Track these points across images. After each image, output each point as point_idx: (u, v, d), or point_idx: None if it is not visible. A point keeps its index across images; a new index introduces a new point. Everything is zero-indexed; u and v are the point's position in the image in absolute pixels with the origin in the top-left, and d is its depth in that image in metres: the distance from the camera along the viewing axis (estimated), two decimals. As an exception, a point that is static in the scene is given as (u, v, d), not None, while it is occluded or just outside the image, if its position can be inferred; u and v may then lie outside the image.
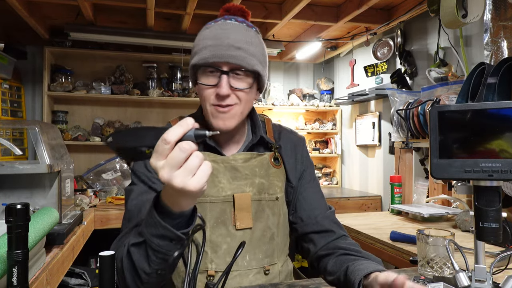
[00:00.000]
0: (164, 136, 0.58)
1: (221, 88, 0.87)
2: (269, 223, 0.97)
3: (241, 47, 0.88)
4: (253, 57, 0.90)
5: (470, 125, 0.84)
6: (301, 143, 1.10)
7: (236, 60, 0.87)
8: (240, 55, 0.88)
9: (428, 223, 1.90)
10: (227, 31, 0.89)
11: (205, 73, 0.91)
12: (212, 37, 0.89)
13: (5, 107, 2.79)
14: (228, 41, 0.87)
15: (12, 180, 1.41)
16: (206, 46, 0.88)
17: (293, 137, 1.10)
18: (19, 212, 0.66)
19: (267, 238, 0.97)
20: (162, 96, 3.18)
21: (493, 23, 1.81)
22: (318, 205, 1.03)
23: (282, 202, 1.01)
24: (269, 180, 0.99)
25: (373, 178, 3.26)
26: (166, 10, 2.53)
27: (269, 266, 0.96)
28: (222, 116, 0.91)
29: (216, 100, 0.90)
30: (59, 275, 1.38)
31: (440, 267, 0.98)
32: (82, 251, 1.96)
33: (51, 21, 2.90)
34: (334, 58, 3.85)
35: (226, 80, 0.88)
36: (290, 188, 1.05)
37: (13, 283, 0.66)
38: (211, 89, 0.90)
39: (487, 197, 0.83)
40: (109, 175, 2.88)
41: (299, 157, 1.07)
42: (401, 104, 2.44)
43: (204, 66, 0.89)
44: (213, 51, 0.87)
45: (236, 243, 0.92)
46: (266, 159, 1.01)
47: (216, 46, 0.87)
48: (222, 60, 0.87)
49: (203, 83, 0.90)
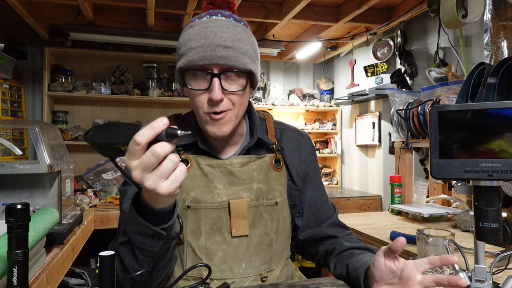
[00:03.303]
0: (135, 137, 0.57)
1: (213, 92, 0.81)
2: (267, 229, 0.93)
3: (231, 45, 0.82)
4: (244, 55, 0.84)
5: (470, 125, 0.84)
6: (305, 141, 1.05)
7: (227, 61, 0.81)
8: (231, 55, 0.81)
9: (428, 223, 1.90)
10: (214, 29, 0.82)
11: (194, 77, 0.85)
12: (198, 37, 0.82)
13: (5, 107, 2.79)
14: (216, 40, 0.81)
15: (12, 180, 1.40)
16: (193, 47, 0.82)
17: (296, 136, 1.04)
18: (19, 212, 0.66)
19: (264, 244, 0.93)
20: (162, 96, 3.18)
21: (493, 23, 1.81)
22: (324, 209, 1.02)
23: (282, 207, 0.97)
24: (268, 185, 0.95)
25: (373, 178, 3.26)
26: (166, 10, 2.53)
27: (267, 273, 0.93)
28: (217, 123, 0.86)
29: (209, 107, 0.84)
30: (59, 275, 1.38)
31: (440, 267, 0.98)
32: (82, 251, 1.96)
33: (51, 21, 2.91)
34: (334, 58, 3.85)
35: (218, 84, 0.82)
36: (296, 191, 1.01)
37: (13, 283, 0.66)
38: (202, 94, 0.84)
39: (487, 197, 0.83)
40: (109, 175, 2.88)
41: (303, 158, 1.03)
42: (401, 104, 2.44)
43: (193, 69, 0.83)
44: (201, 53, 0.81)
45: (232, 250, 0.89)
46: (266, 162, 0.96)
47: (203, 46, 0.81)
48: (212, 62, 0.81)
49: (193, 88, 0.85)
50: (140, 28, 2.94)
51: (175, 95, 3.23)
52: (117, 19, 2.91)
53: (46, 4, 2.57)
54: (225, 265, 0.89)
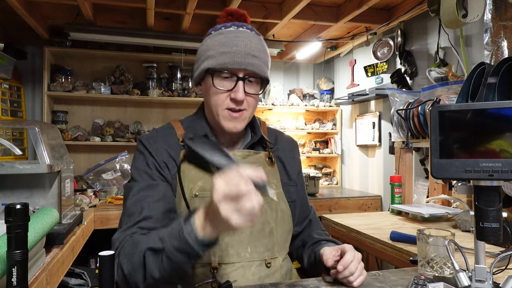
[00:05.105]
0: (244, 171, 0.66)
1: (237, 93, 0.94)
2: (267, 217, 1.00)
3: (257, 55, 0.95)
4: (265, 65, 0.98)
5: (470, 125, 0.84)
6: (296, 145, 1.21)
7: (253, 68, 0.94)
8: (257, 63, 0.94)
9: (428, 223, 1.90)
10: (244, 39, 0.94)
11: (220, 78, 0.95)
12: (228, 44, 0.93)
13: (5, 107, 2.79)
14: (247, 49, 0.93)
15: (12, 180, 1.40)
16: (225, 52, 0.93)
17: (289, 139, 1.20)
18: (19, 212, 0.66)
19: (266, 232, 0.99)
20: (162, 96, 3.17)
21: (493, 23, 1.81)
22: (306, 207, 1.17)
23: (279, 199, 1.05)
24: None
25: (373, 178, 3.26)
26: (166, 10, 2.53)
27: (270, 259, 0.99)
28: (234, 120, 0.97)
29: (231, 104, 0.96)
30: (59, 275, 1.38)
31: (440, 267, 0.98)
32: (82, 251, 1.96)
33: (51, 21, 2.90)
34: (334, 58, 3.85)
35: (242, 86, 0.94)
36: (293, 187, 1.12)
37: (13, 283, 0.66)
38: (225, 93, 0.96)
39: (487, 197, 0.83)
40: (109, 175, 2.88)
41: (296, 158, 1.17)
42: (401, 104, 2.44)
43: (221, 70, 0.94)
44: (232, 58, 0.92)
45: (238, 236, 0.96)
46: (261, 158, 1.06)
47: (234, 53, 0.93)
48: (241, 67, 0.93)
49: (219, 87, 0.95)
50: (140, 28, 2.94)
51: (175, 95, 3.23)
52: (117, 19, 2.91)
53: (46, 4, 2.57)
54: (232, 249, 0.95)
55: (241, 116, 0.97)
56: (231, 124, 0.97)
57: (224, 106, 0.96)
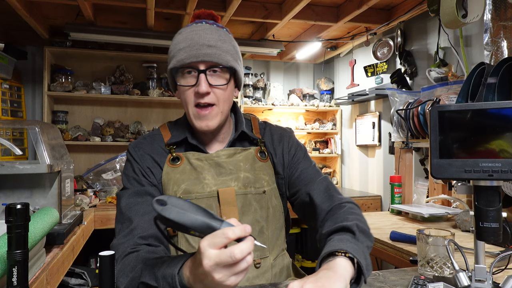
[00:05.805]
0: (227, 232, 0.61)
1: (200, 86, 0.91)
2: (257, 216, 0.98)
3: (214, 45, 0.92)
4: (226, 53, 0.94)
5: (470, 125, 0.84)
6: (288, 134, 1.10)
7: (212, 58, 0.91)
8: (215, 53, 0.92)
9: (428, 223, 1.90)
10: (199, 32, 0.93)
11: (183, 75, 0.95)
12: (185, 39, 0.93)
13: (5, 107, 2.79)
14: (201, 41, 0.91)
15: (12, 180, 1.40)
16: (181, 49, 0.92)
17: (278, 129, 1.11)
18: (19, 212, 0.66)
19: (256, 231, 0.97)
20: (162, 96, 3.18)
21: (493, 23, 1.81)
22: (312, 178, 1.02)
23: (270, 195, 1.02)
24: (255, 174, 1.01)
25: (373, 178, 3.26)
26: (166, 10, 2.53)
27: (260, 259, 0.97)
28: (203, 118, 0.95)
29: (196, 99, 0.93)
30: (59, 275, 1.38)
31: (440, 267, 0.98)
32: (82, 251, 1.97)
33: (51, 21, 2.90)
34: (334, 58, 3.85)
35: (204, 78, 0.92)
36: (281, 180, 1.06)
37: (13, 283, 0.66)
38: (190, 90, 0.94)
39: (487, 197, 0.83)
40: (109, 175, 2.88)
41: (286, 146, 1.07)
42: (401, 104, 2.44)
43: (181, 67, 0.93)
44: (188, 52, 0.91)
45: None
46: (251, 153, 1.03)
47: (190, 46, 0.91)
48: (198, 60, 0.91)
49: (183, 85, 0.94)
50: (140, 28, 2.94)
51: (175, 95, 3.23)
52: (117, 19, 2.91)
53: (46, 4, 2.57)
54: None
55: (211, 113, 0.94)
56: (203, 123, 0.95)
57: (192, 103, 0.94)
